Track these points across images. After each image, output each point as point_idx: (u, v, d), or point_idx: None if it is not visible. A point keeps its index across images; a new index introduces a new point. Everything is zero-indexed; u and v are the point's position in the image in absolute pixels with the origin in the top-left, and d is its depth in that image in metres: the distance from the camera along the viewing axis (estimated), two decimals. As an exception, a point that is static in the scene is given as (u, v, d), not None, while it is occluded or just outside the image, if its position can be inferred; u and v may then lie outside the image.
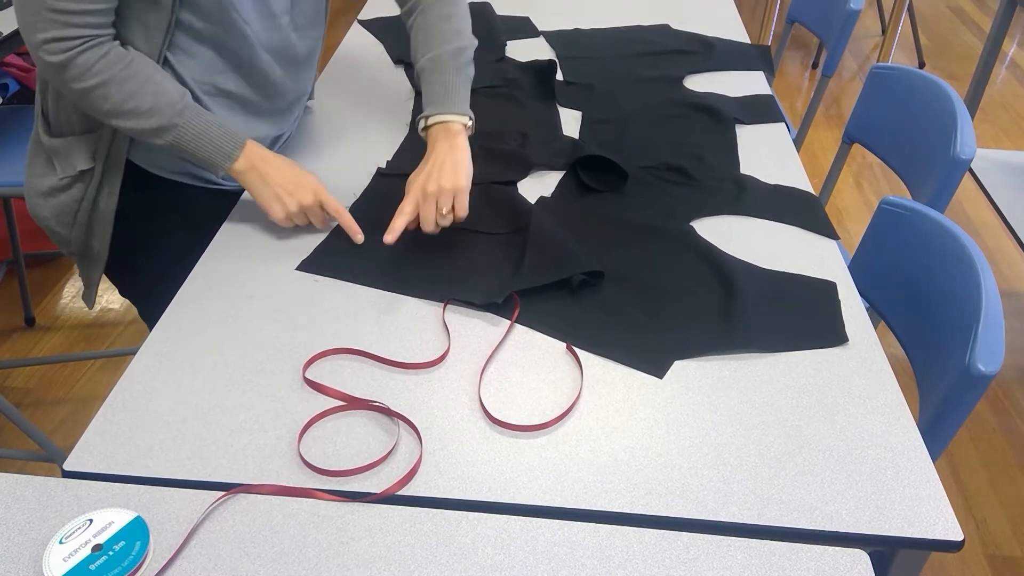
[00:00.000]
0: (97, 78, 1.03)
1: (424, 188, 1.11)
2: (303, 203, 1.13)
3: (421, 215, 1.12)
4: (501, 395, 0.92)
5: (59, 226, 1.22)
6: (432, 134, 1.20)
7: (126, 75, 1.04)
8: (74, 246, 1.23)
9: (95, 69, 1.02)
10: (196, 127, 1.08)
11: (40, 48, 1.01)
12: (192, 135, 1.08)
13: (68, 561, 0.71)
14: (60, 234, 1.23)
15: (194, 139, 1.09)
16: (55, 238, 1.24)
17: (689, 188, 1.27)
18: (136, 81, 1.05)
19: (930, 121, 1.47)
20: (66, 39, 1.00)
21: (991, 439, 1.96)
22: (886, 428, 0.88)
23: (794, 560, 0.74)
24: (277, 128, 1.28)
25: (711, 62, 1.69)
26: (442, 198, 1.11)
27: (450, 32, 1.24)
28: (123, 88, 1.04)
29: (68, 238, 1.23)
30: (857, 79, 3.70)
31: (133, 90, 1.04)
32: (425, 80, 1.24)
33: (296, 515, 0.78)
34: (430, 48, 1.24)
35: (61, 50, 1.01)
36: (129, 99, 1.05)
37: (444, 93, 1.22)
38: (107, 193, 1.18)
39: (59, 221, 1.21)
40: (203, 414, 0.89)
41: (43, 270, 2.50)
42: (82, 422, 1.99)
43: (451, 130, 1.19)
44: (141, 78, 1.05)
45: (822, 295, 1.06)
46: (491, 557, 0.74)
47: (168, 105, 1.06)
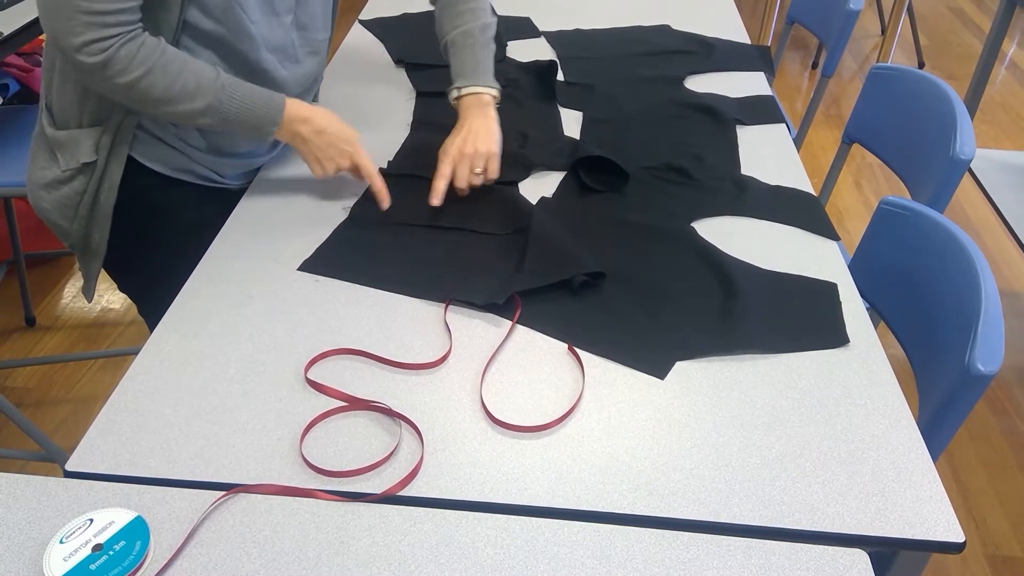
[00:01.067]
0: (141, 68, 1.04)
1: (462, 150, 1.22)
2: (340, 166, 1.19)
3: (457, 173, 1.22)
4: (502, 396, 0.92)
5: (60, 219, 1.22)
6: (465, 104, 1.29)
7: (166, 60, 1.05)
8: (74, 239, 1.24)
9: (137, 60, 1.03)
10: (239, 99, 1.10)
11: (79, 52, 1.01)
12: (237, 108, 1.10)
13: (68, 561, 0.71)
14: (61, 227, 1.23)
15: (239, 111, 1.11)
16: (56, 231, 1.25)
17: (689, 188, 1.28)
18: (176, 63, 1.06)
19: (930, 121, 1.47)
20: (103, 39, 1.01)
21: (991, 439, 1.96)
22: (886, 428, 0.88)
23: (794, 560, 0.74)
24: None
25: (711, 62, 1.69)
26: (476, 160, 1.22)
27: (477, 9, 1.32)
28: (167, 73, 1.05)
29: (69, 231, 1.23)
30: (857, 79, 3.70)
31: (176, 72, 1.06)
32: (455, 53, 1.32)
33: (296, 515, 0.78)
34: (460, 23, 1.32)
35: (100, 50, 1.01)
36: (175, 82, 1.06)
37: (475, 65, 1.31)
38: (107, 187, 1.19)
39: (61, 214, 1.22)
40: (204, 414, 0.89)
41: (43, 270, 2.50)
42: (83, 422, 1.99)
43: (483, 101, 1.29)
44: (179, 61, 1.07)
45: (823, 296, 1.06)
46: (491, 557, 0.74)
47: (209, 82, 1.08)
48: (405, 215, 1.20)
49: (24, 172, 1.80)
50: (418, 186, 1.26)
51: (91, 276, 1.29)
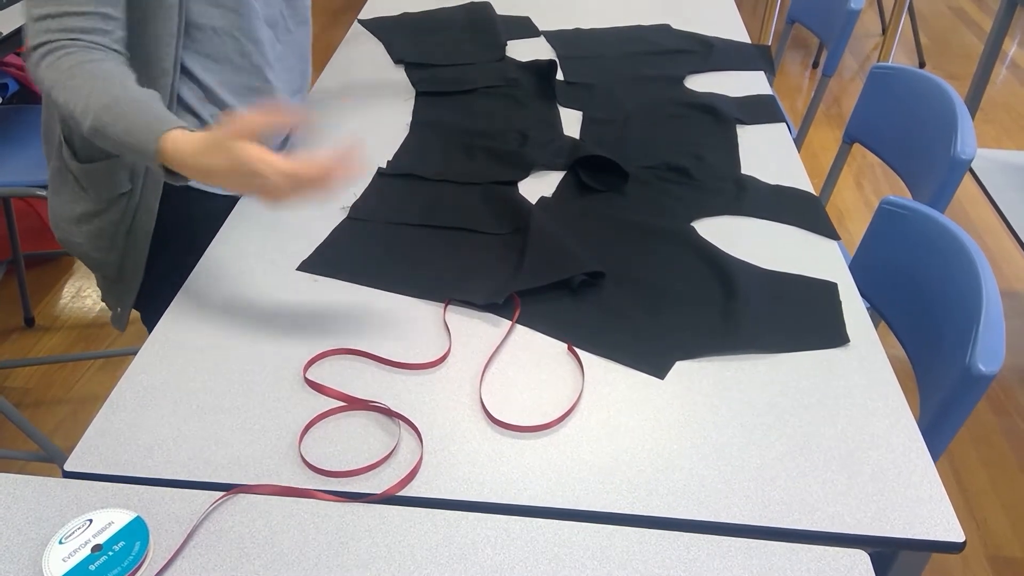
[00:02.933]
0: (55, 77, 0.96)
1: None
2: (275, 197, 0.87)
3: None
4: (502, 396, 0.92)
5: (95, 251, 1.20)
6: None
7: (82, 77, 0.95)
8: (109, 269, 1.22)
9: (58, 69, 0.96)
10: (123, 119, 0.93)
11: (29, 60, 0.99)
12: (119, 127, 0.93)
13: (68, 561, 0.71)
14: (95, 258, 1.20)
15: (116, 135, 0.93)
16: (89, 263, 1.22)
17: (689, 188, 1.27)
18: (83, 82, 0.95)
19: (930, 121, 1.47)
20: (44, 44, 0.97)
21: (992, 439, 1.96)
22: (887, 428, 0.88)
23: (794, 561, 0.74)
24: None
25: (711, 62, 1.69)
26: None
27: None
28: (66, 87, 0.96)
29: (105, 261, 1.21)
30: (857, 79, 3.70)
31: (76, 88, 0.95)
32: None
33: (296, 515, 0.78)
34: None
35: (40, 56, 0.97)
36: (72, 98, 0.95)
37: None
38: (144, 212, 1.17)
39: (95, 246, 1.19)
40: (203, 414, 0.89)
41: (43, 270, 2.50)
42: (82, 422, 1.99)
43: None
44: (88, 81, 0.95)
45: (823, 295, 1.06)
46: (491, 557, 0.74)
47: (98, 99, 0.94)
48: (404, 215, 1.20)
49: (24, 172, 1.81)
50: (417, 186, 1.26)
51: (125, 305, 1.26)
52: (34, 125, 2.00)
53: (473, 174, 1.29)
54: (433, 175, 1.29)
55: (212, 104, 1.17)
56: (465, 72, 1.62)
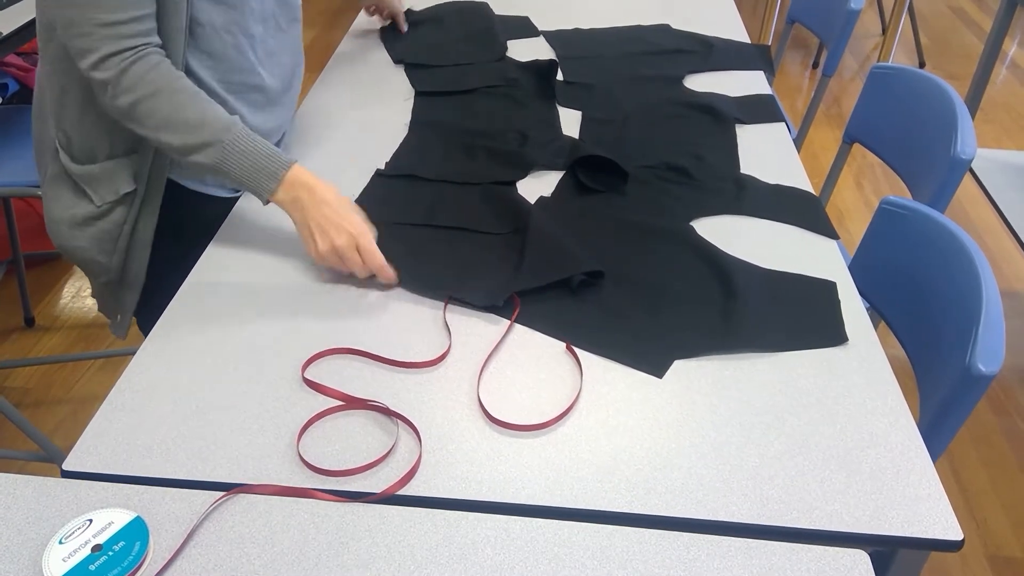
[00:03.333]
0: (149, 87, 1.01)
1: None
2: (335, 243, 1.03)
3: None
4: (501, 395, 0.92)
5: (99, 254, 1.19)
6: None
7: (178, 87, 1.03)
8: (112, 273, 1.21)
9: (147, 79, 1.01)
10: (243, 145, 1.03)
11: (95, 68, 1.01)
12: (238, 153, 1.03)
13: (68, 561, 0.71)
14: (99, 262, 1.20)
15: (239, 157, 1.03)
16: (91, 267, 1.21)
17: (689, 188, 1.27)
18: (187, 94, 1.03)
19: (930, 121, 1.47)
20: (120, 52, 1.00)
21: (992, 439, 1.96)
22: (886, 428, 0.88)
23: (794, 560, 0.74)
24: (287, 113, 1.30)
25: (711, 62, 1.69)
26: None
27: None
28: (173, 99, 1.02)
29: (108, 265, 1.20)
30: (857, 79, 3.70)
31: (184, 102, 1.03)
32: None
33: (296, 515, 0.78)
34: None
35: (114, 64, 1.00)
36: (180, 110, 1.02)
37: None
38: (148, 213, 1.17)
39: (100, 249, 1.19)
40: (202, 414, 0.89)
41: (43, 270, 2.50)
42: (81, 422, 1.99)
43: None
44: (191, 91, 1.04)
45: (822, 295, 1.06)
46: (491, 557, 0.74)
47: (216, 119, 1.03)
48: (404, 215, 1.20)
49: (24, 172, 1.81)
50: (416, 186, 1.26)
51: (126, 310, 1.25)
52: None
53: (472, 174, 1.29)
54: (432, 175, 1.29)
55: None
56: (465, 72, 1.63)
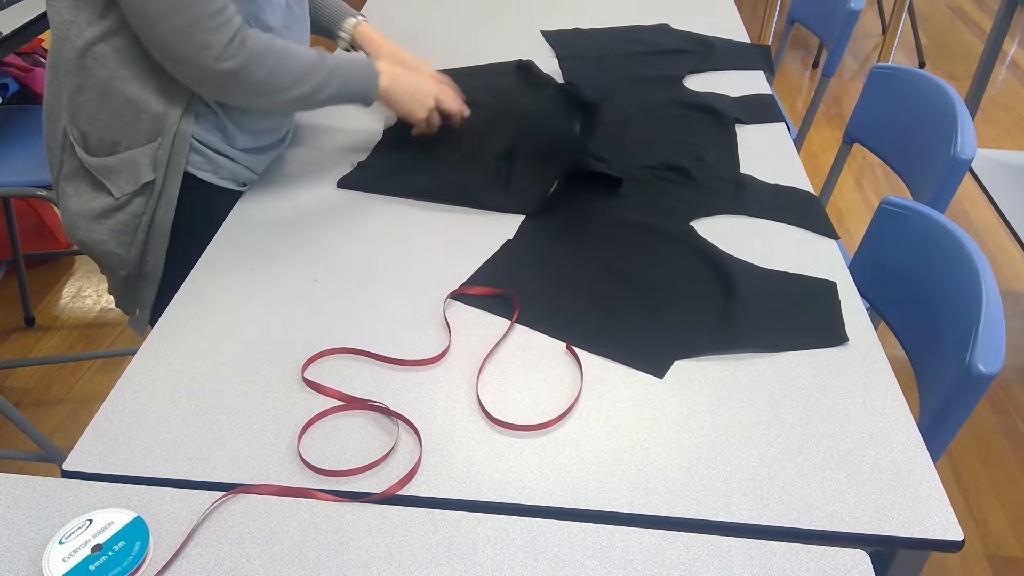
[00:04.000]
0: (266, 66, 1.09)
1: None
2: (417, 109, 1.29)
3: None
4: (501, 395, 0.92)
5: (118, 247, 1.20)
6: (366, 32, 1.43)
7: (278, 49, 1.11)
8: (131, 266, 1.22)
9: (259, 58, 1.08)
10: (343, 66, 1.18)
11: (217, 62, 1.05)
12: (345, 75, 1.19)
13: (68, 561, 0.71)
14: (118, 255, 1.21)
15: (347, 79, 1.19)
16: (109, 260, 1.22)
17: (689, 188, 1.27)
18: (287, 50, 1.12)
19: (930, 121, 1.47)
20: (233, 38, 1.05)
21: (992, 439, 1.96)
22: (886, 428, 0.88)
23: (794, 560, 0.74)
24: None
25: (711, 62, 1.69)
26: None
27: None
28: (285, 57, 1.11)
29: (126, 258, 1.21)
30: (857, 79, 3.70)
31: (295, 54, 1.12)
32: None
33: (296, 515, 0.78)
34: None
35: (233, 54, 1.05)
36: (297, 64, 1.12)
37: None
38: (165, 204, 1.18)
39: (119, 241, 1.19)
40: (202, 414, 0.89)
41: (43, 270, 2.50)
42: (82, 422, 1.99)
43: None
44: (283, 46, 1.12)
45: (822, 295, 1.06)
46: (491, 557, 0.74)
47: (317, 55, 1.15)
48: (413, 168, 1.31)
49: (24, 172, 1.81)
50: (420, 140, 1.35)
51: (145, 304, 1.26)
52: (34, 125, 2.00)
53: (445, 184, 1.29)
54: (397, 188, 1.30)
55: None
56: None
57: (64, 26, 1.09)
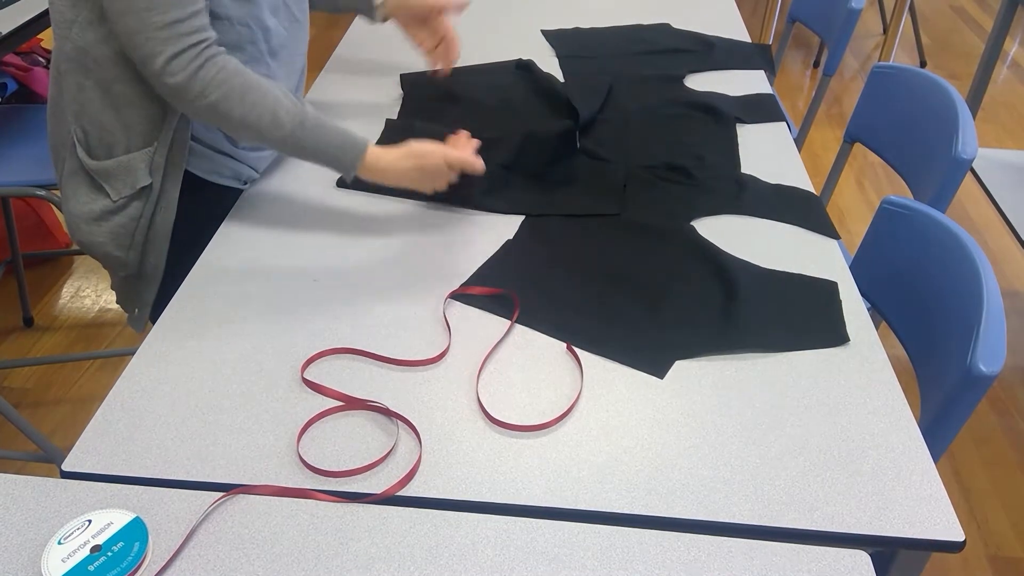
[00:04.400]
0: (218, 91, 1.04)
1: None
2: (437, 186, 1.16)
3: None
4: (501, 395, 0.92)
5: (116, 249, 1.20)
6: None
7: (247, 86, 1.05)
8: (130, 267, 1.22)
9: (215, 82, 1.03)
10: (314, 137, 1.09)
11: (163, 72, 1.02)
12: (312, 147, 1.09)
13: (67, 562, 0.71)
14: (116, 257, 1.21)
15: (315, 151, 1.10)
16: (108, 262, 1.22)
17: (689, 188, 1.27)
18: (257, 92, 1.06)
19: (931, 121, 1.47)
20: (183, 51, 1.01)
21: (993, 439, 1.96)
22: (887, 428, 0.88)
23: (795, 561, 0.73)
24: None
25: (712, 61, 1.68)
26: None
27: None
28: (244, 100, 1.05)
29: (125, 260, 1.21)
30: (858, 78, 3.69)
31: (254, 101, 1.05)
32: None
33: (296, 516, 0.78)
34: None
35: (181, 67, 1.02)
36: (252, 110, 1.05)
37: None
38: (164, 207, 1.18)
39: (116, 244, 1.19)
40: (202, 414, 0.89)
41: (42, 270, 2.50)
42: (81, 422, 1.99)
43: None
44: (261, 89, 1.06)
45: (823, 295, 1.06)
46: (491, 557, 0.74)
47: (287, 115, 1.07)
48: None
49: (23, 172, 1.80)
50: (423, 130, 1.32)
51: (144, 304, 1.26)
52: (33, 125, 2.00)
53: None
54: None
55: None
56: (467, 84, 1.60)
57: (65, 25, 1.09)
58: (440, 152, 1.13)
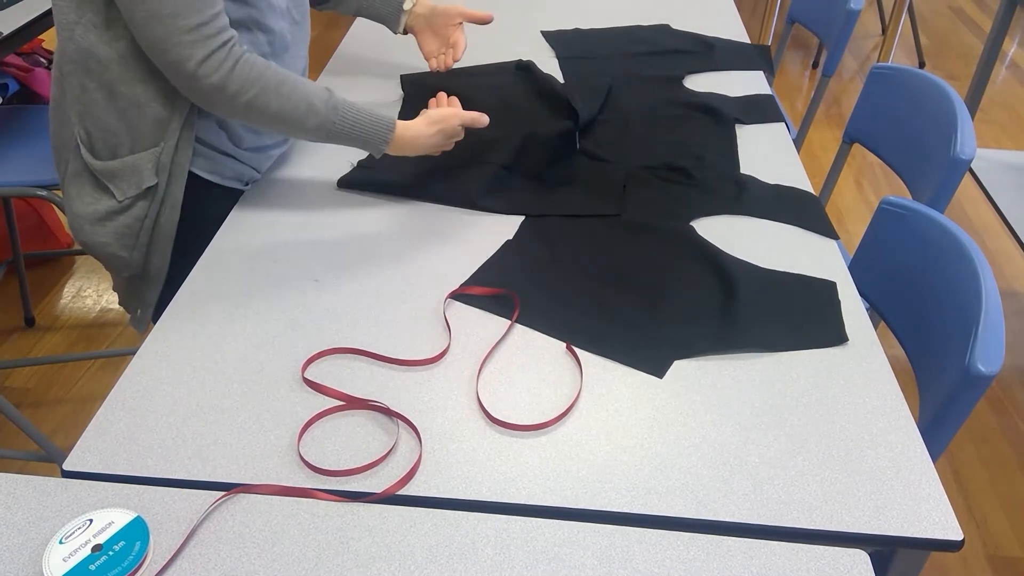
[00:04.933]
0: (255, 88, 1.06)
1: None
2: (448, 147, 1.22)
3: None
4: (501, 395, 0.92)
5: (120, 249, 1.20)
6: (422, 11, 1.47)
7: (278, 79, 1.08)
8: (134, 268, 1.22)
9: (250, 79, 1.05)
10: (349, 120, 1.12)
11: (195, 76, 1.03)
12: (347, 130, 1.13)
13: (68, 561, 0.71)
14: (120, 257, 1.21)
15: (348, 133, 1.13)
16: (112, 262, 1.22)
17: (689, 188, 1.27)
18: (288, 85, 1.08)
19: (930, 121, 1.47)
20: (214, 52, 1.03)
21: (991, 439, 1.96)
22: (886, 428, 0.88)
23: (794, 560, 0.74)
24: None
25: (711, 62, 1.69)
26: None
27: None
28: (280, 93, 1.07)
29: (129, 260, 1.21)
30: (857, 79, 3.70)
31: (288, 93, 1.08)
32: None
33: (296, 515, 0.78)
34: None
35: (214, 69, 1.03)
36: (287, 102, 1.08)
37: None
38: (169, 207, 1.18)
39: (121, 244, 1.19)
40: (203, 414, 0.89)
41: (43, 270, 2.50)
42: (82, 422, 1.99)
43: None
44: (290, 80, 1.09)
45: (822, 295, 1.06)
46: (491, 557, 0.74)
47: (321, 103, 1.10)
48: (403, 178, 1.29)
49: (24, 172, 1.81)
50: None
51: (147, 304, 1.26)
52: (34, 125, 2.00)
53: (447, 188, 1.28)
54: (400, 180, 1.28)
55: None
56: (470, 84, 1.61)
57: (68, 26, 1.09)
58: (454, 114, 1.19)
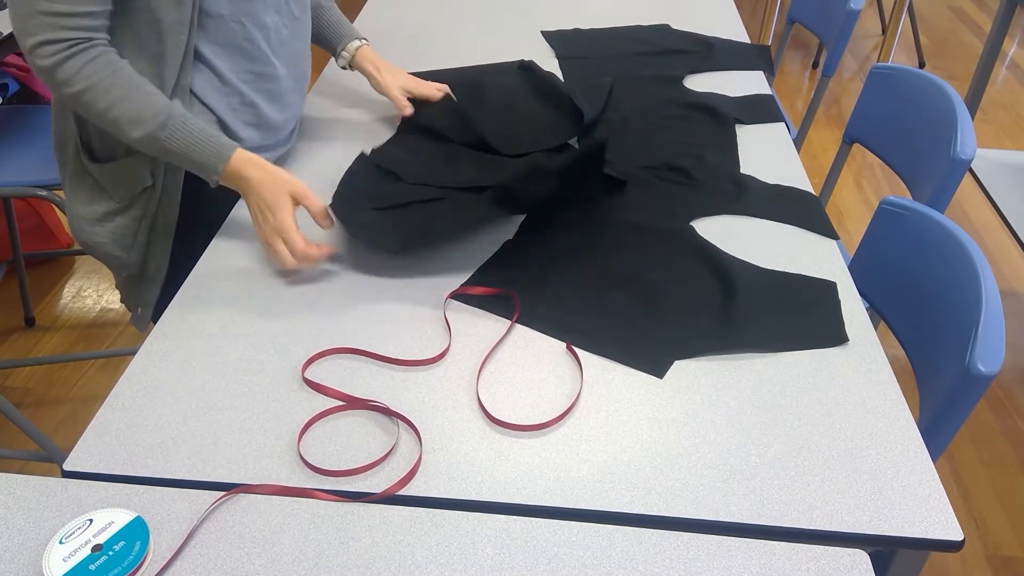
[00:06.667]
0: (83, 83, 1.03)
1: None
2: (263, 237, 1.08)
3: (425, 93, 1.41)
4: (501, 395, 0.92)
5: (118, 249, 1.20)
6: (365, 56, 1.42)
7: (112, 82, 1.04)
8: (132, 267, 1.22)
9: (82, 74, 1.02)
10: (178, 139, 1.07)
11: (32, 53, 1.01)
12: (175, 148, 1.07)
13: (68, 561, 0.71)
14: (119, 257, 1.21)
15: (176, 152, 1.07)
16: (111, 262, 1.22)
17: (689, 188, 1.27)
18: (121, 89, 1.04)
19: (930, 121, 1.47)
20: (57, 41, 1.00)
21: (991, 439, 1.96)
22: (886, 428, 0.88)
23: (794, 560, 0.74)
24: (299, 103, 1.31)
25: (711, 62, 1.69)
26: None
27: None
28: (108, 95, 1.04)
29: (127, 260, 1.21)
30: (857, 79, 3.70)
31: (118, 98, 1.04)
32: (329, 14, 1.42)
33: (296, 515, 0.78)
34: None
35: (50, 53, 1.01)
36: (113, 107, 1.04)
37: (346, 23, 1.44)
38: (166, 207, 1.18)
39: (118, 244, 1.20)
40: (203, 414, 0.89)
41: (43, 270, 2.50)
42: (82, 422, 1.99)
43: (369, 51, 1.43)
44: (127, 87, 1.04)
45: (822, 295, 1.06)
46: (491, 557, 0.74)
47: (152, 116, 1.05)
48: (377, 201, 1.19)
49: (24, 172, 1.81)
50: (397, 185, 1.24)
51: (147, 303, 1.26)
52: (34, 125, 2.00)
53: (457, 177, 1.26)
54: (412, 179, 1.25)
55: (224, 91, 1.17)
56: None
57: None
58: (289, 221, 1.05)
